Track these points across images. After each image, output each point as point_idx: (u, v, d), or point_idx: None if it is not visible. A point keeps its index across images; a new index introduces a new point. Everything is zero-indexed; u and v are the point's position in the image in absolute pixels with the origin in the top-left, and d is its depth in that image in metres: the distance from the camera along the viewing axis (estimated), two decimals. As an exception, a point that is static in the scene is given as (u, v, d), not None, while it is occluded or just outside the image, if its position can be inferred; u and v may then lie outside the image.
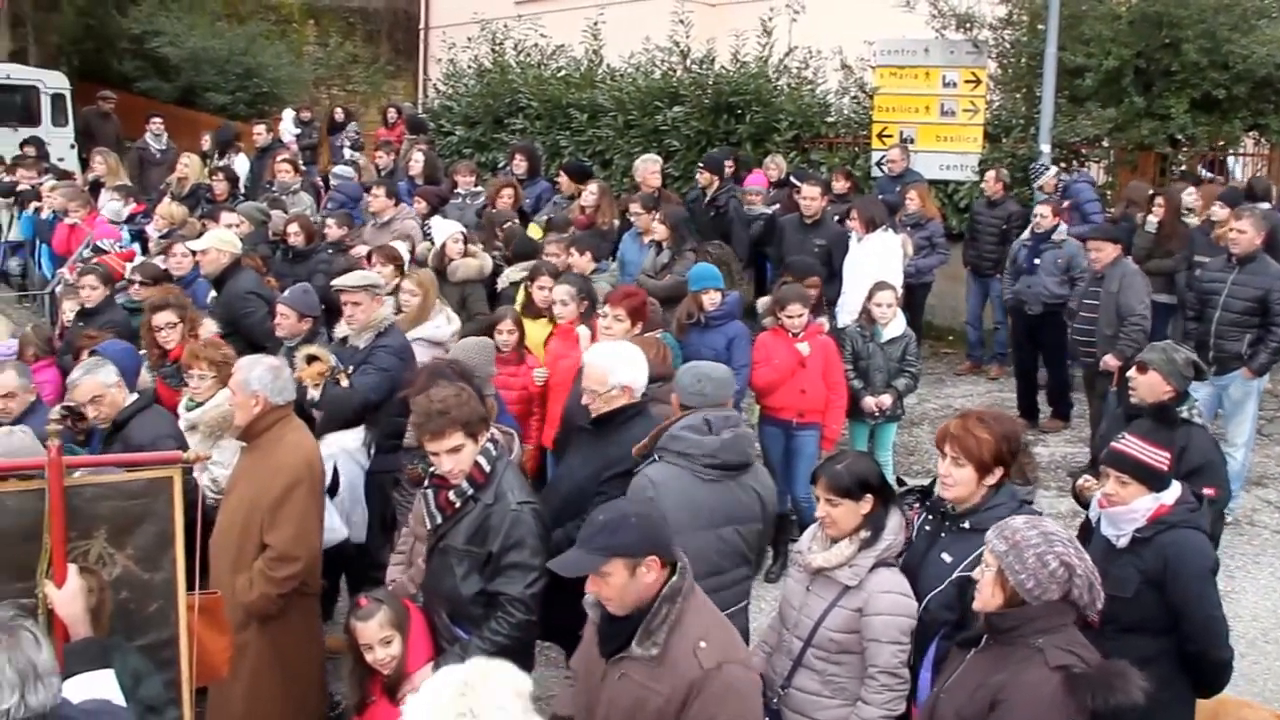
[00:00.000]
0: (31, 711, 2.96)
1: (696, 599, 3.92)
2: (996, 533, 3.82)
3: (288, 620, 5.47)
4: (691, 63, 15.62)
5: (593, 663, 4.02)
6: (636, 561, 3.76)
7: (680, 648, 3.76)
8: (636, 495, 4.81)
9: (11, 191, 14.51)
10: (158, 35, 24.29)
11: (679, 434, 4.99)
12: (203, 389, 6.63)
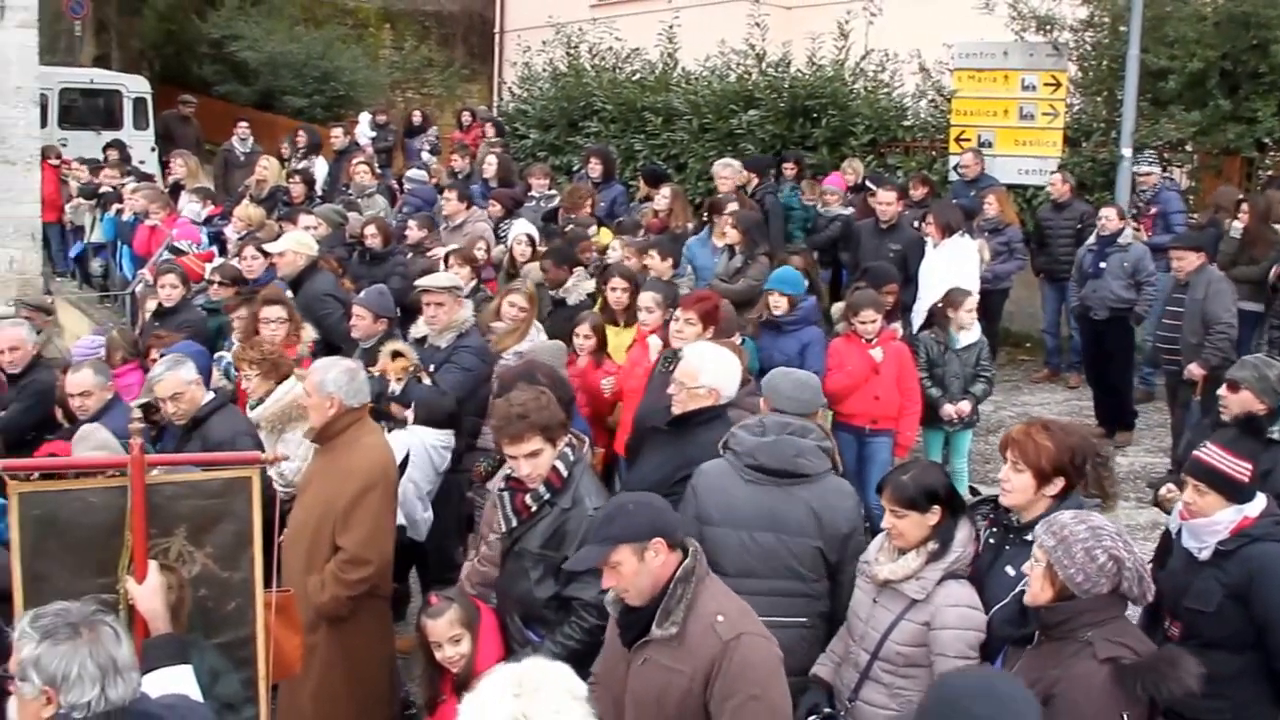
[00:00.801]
0: (111, 705, 3.00)
1: (712, 581, 3.96)
2: (1045, 528, 3.83)
3: (358, 622, 5.49)
4: (767, 66, 15.56)
5: (616, 658, 4.05)
6: (643, 546, 3.79)
7: (698, 625, 3.79)
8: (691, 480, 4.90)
9: (94, 194, 14.76)
10: (237, 40, 24.67)
11: (736, 431, 5.03)
12: (253, 387, 6.79)
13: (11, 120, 14.17)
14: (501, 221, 11.44)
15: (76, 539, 3.95)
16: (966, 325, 8.57)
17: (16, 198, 14.40)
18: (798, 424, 5.14)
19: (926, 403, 8.38)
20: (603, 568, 3.86)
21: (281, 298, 8.00)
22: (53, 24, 20.66)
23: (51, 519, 3.94)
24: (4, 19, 13.94)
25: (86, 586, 3.84)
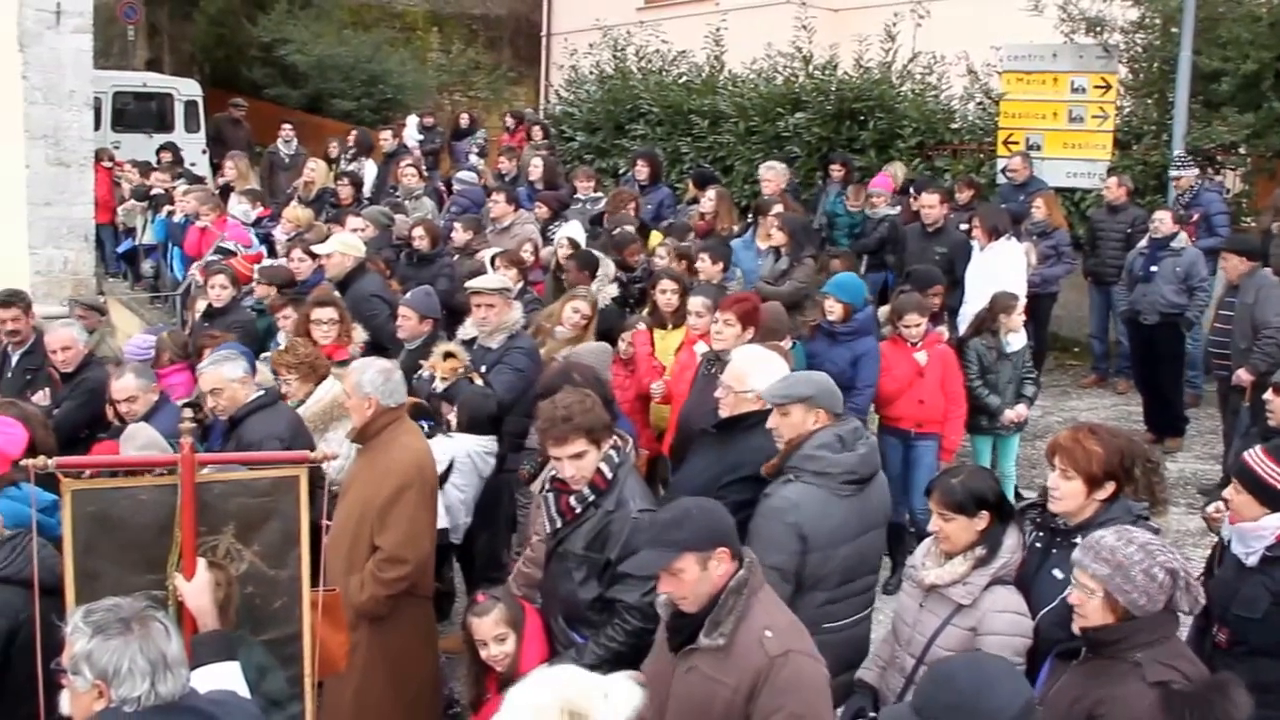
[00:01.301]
0: (161, 699, 3.04)
1: (764, 594, 3.94)
2: (1091, 555, 3.74)
3: (398, 621, 5.54)
4: (814, 68, 15.51)
5: (663, 662, 4.04)
6: (707, 555, 3.79)
7: (747, 637, 3.78)
8: (777, 517, 4.74)
9: (146, 195, 14.93)
10: (286, 43, 24.87)
11: (815, 453, 4.88)
12: (293, 390, 6.86)
13: (66, 123, 14.36)
14: (549, 224, 11.48)
15: (127, 536, 4.00)
16: (1016, 329, 8.51)
17: (71, 199, 14.59)
18: (857, 425, 5.17)
19: (975, 408, 8.33)
20: (661, 573, 3.85)
21: (333, 299, 8.07)
22: (106, 28, 20.93)
23: (103, 516, 3.99)
24: (60, 24, 14.13)
25: (137, 583, 3.89)
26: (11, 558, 4.63)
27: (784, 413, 4.98)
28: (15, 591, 4.55)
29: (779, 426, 5.00)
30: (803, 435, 4.93)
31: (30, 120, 14.06)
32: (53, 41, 14.09)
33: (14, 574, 4.58)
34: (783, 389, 5.06)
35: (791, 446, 4.94)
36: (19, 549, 4.65)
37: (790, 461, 4.90)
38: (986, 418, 8.52)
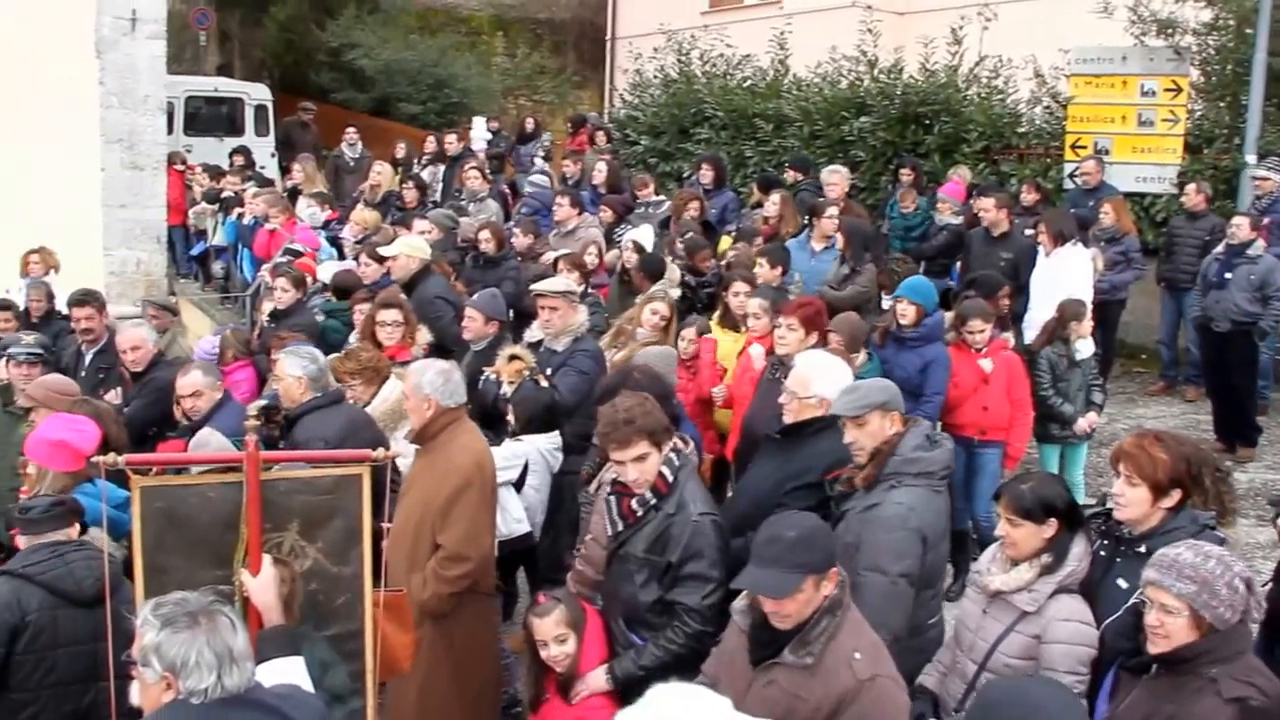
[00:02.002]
0: (227, 692, 3.10)
1: (853, 614, 3.94)
2: (1172, 574, 3.66)
3: (461, 619, 5.57)
4: (879, 72, 15.43)
5: (736, 670, 4.03)
6: (822, 576, 3.80)
7: (835, 658, 3.77)
8: (898, 524, 4.68)
9: (217, 198, 15.16)
10: (354, 48, 25.11)
11: (914, 455, 4.85)
12: (358, 394, 6.96)
13: (140, 127, 14.64)
14: (614, 227, 11.51)
15: (194, 532, 4.07)
16: (1085, 336, 8.43)
17: (144, 201, 14.87)
18: (921, 419, 5.18)
19: (1045, 416, 8.25)
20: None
21: (398, 301, 8.15)
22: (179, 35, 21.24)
23: (171, 512, 4.06)
24: (135, 31, 14.40)
25: (204, 578, 3.96)
26: (43, 560, 4.75)
27: (861, 423, 4.92)
28: (32, 591, 4.68)
29: (857, 439, 4.94)
30: (889, 441, 4.90)
31: (106, 125, 14.35)
32: (128, 48, 14.37)
33: (35, 574, 4.70)
34: (858, 399, 4.99)
35: (884, 454, 4.88)
36: (57, 554, 4.79)
37: (888, 469, 4.84)
38: (1057, 426, 8.43)
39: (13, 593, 4.66)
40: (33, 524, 4.89)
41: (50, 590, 4.70)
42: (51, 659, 4.71)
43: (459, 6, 30.32)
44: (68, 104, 13.97)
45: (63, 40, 13.85)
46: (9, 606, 4.63)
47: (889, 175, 13.95)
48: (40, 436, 5.68)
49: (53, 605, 4.71)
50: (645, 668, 4.75)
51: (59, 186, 13.76)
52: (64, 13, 13.87)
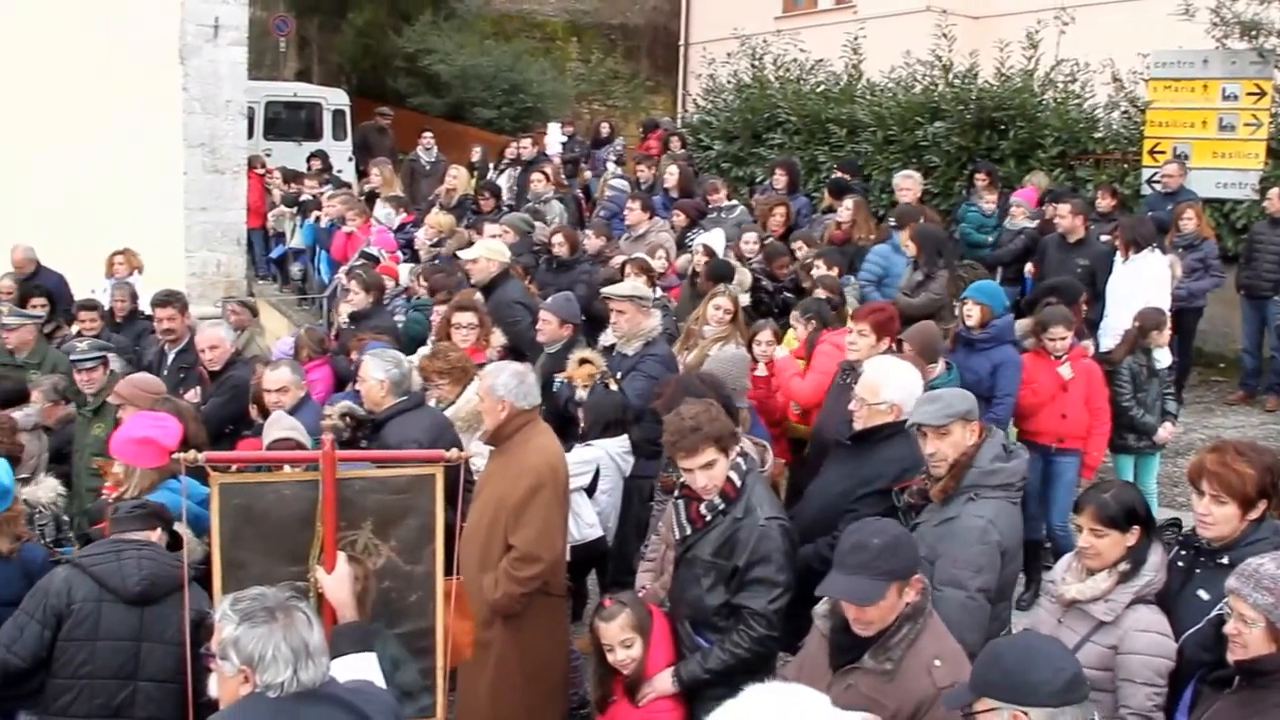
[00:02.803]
0: (303, 686, 3.16)
1: (934, 622, 3.93)
2: (1251, 584, 3.61)
3: (532, 619, 5.61)
4: (953, 77, 15.29)
5: (816, 673, 4.03)
6: (905, 583, 3.80)
7: (914, 665, 3.78)
8: (978, 537, 4.61)
9: (295, 201, 15.40)
10: (430, 54, 25.37)
11: (994, 467, 4.79)
12: (443, 392, 7.07)
13: (222, 132, 14.92)
14: (687, 231, 11.53)
15: (271, 529, 4.17)
16: (1164, 345, 8.31)
17: (225, 204, 15.16)
18: (995, 428, 5.11)
19: (1121, 426, 8.14)
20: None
21: (473, 304, 8.23)
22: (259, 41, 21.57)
23: (249, 509, 4.16)
24: (217, 38, 14.69)
25: (280, 574, 4.05)
26: (100, 553, 4.90)
27: (944, 433, 4.85)
28: (81, 580, 4.82)
29: (939, 449, 4.86)
30: (968, 452, 4.84)
31: (188, 129, 14.65)
32: (211, 54, 14.67)
33: (88, 565, 4.85)
34: (942, 409, 4.91)
35: (961, 465, 4.81)
36: (115, 550, 4.91)
37: (966, 480, 4.78)
38: (1133, 436, 8.32)
39: (65, 581, 4.83)
40: (118, 522, 5.02)
41: (97, 583, 4.83)
42: (90, 649, 4.83)
43: (534, 12, 30.54)
44: (152, 109, 14.28)
45: (147, 47, 14.16)
46: (59, 593, 4.79)
47: (963, 181, 13.82)
48: (124, 435, 5.81)
49: (98, 598, 4.83)
50: (711, 671, 4.77)
51: (143, 189, 14.06)
52: (149, 20, 14.18)
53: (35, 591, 4.87)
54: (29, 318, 9.53)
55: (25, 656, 4.76)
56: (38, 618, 4.78)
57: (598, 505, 6.80)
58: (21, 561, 5.59)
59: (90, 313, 9.92)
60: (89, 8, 13.65)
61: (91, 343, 8.44)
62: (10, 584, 5.53)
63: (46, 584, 4.87)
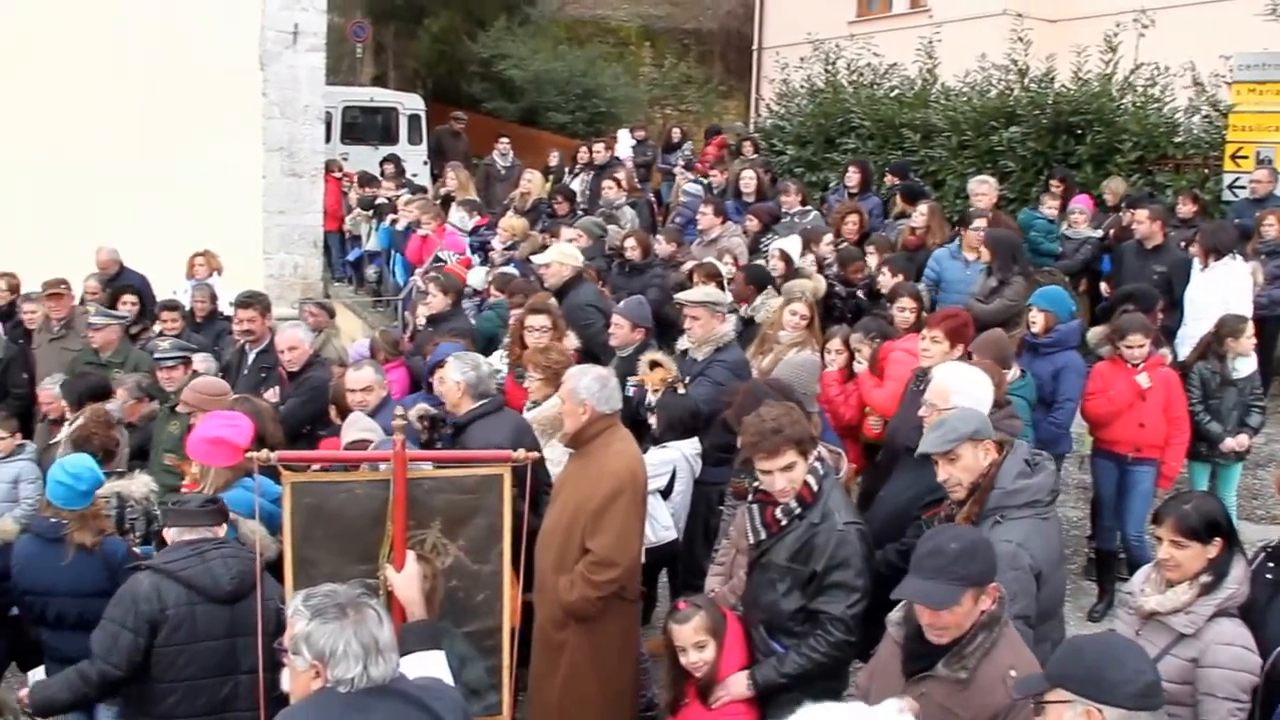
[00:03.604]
0: (373, 682, 3.21)
1: (1010, 631, 3.89)
2: None
3: (605, 622, 5.60)
4: (1029, 81, 15.12)
5: (888, 681, 4.01)
6: (981, 590, 3.77)
7: (989, 674, 3.73)
8: (1008, 563, 4.41)
9: (371, 204, 15.60)
10: (504, 59, 25.58)
11: (1016, 486, 4.68)
12: (533, 389, 7.12)
13: (300, 136, 15.19)
14: (760, 236, 11.51)
15: (342, 527, 4.24)
16: (1245, 354, 8.15)
17: (302, 208, 15.43)
18: (1017, 441, 5.01)
19: (1196, 435, 8.01)
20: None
21: (547, 307, 8.27)
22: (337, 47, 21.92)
23: (320, 508, 4.23)
24: (296, 44, 14.96)
25: (349, 572, 4.11)
26: (183, 557, 4.94)
27: (953, 458, 4.75)
28: (170, 586, 4.86)
29: (951, 474, 4.76)
30: (986, 473, 4.74)
31: (268, 134, 14.94)
32: (290, 60, 14.95)
33: (175, 570, 4.88)
34: (944, 434, 4.80)
35: (983, 488, 4.71)
36: (197, 552, 4.96)
37: (990, 504, 4.67)
38: (1206, 445, 8.17)
39: (153, 587, 4.84)
40: (185, 516, 5.08)
41: (188, 586, 4.87)
42: (190, 652, 4.87)
43: (607, 17, 30.70)
44: (233, 114, 14.59)
45: (229, 54, 14.47)
46: (149, 599, 4.81)
47: (1038, 187, 13.65)
48: (199, 434, 5.92)
49: (190, 601, 4.87)
50: (787, 675, 4.75)
51: (223, 192, 14.37)
52: (230, 28, 14.49)
53: (120, 600, 4.87)
54: (114, 318, 9.75)
55: (122, 665, 4.80)
56: (130, 626, 4.79)
57: (671, 507, 6.81)
58: (103, 554, 5.75)
59: (172, 313, 10.12)
60: (173, 18, 13.98)
61: (173, 342, 8.62)
62: (93, 576, 5.70)
63: (132, 591, 4.86)
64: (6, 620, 6.18)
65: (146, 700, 4.90)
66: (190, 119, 14.10)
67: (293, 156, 15.18)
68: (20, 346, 10.25)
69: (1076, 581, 8.04)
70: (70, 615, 5.72)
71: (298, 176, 15.30)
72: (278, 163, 15.10)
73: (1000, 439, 4.88)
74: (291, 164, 15.19)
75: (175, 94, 13.98)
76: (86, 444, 6.52)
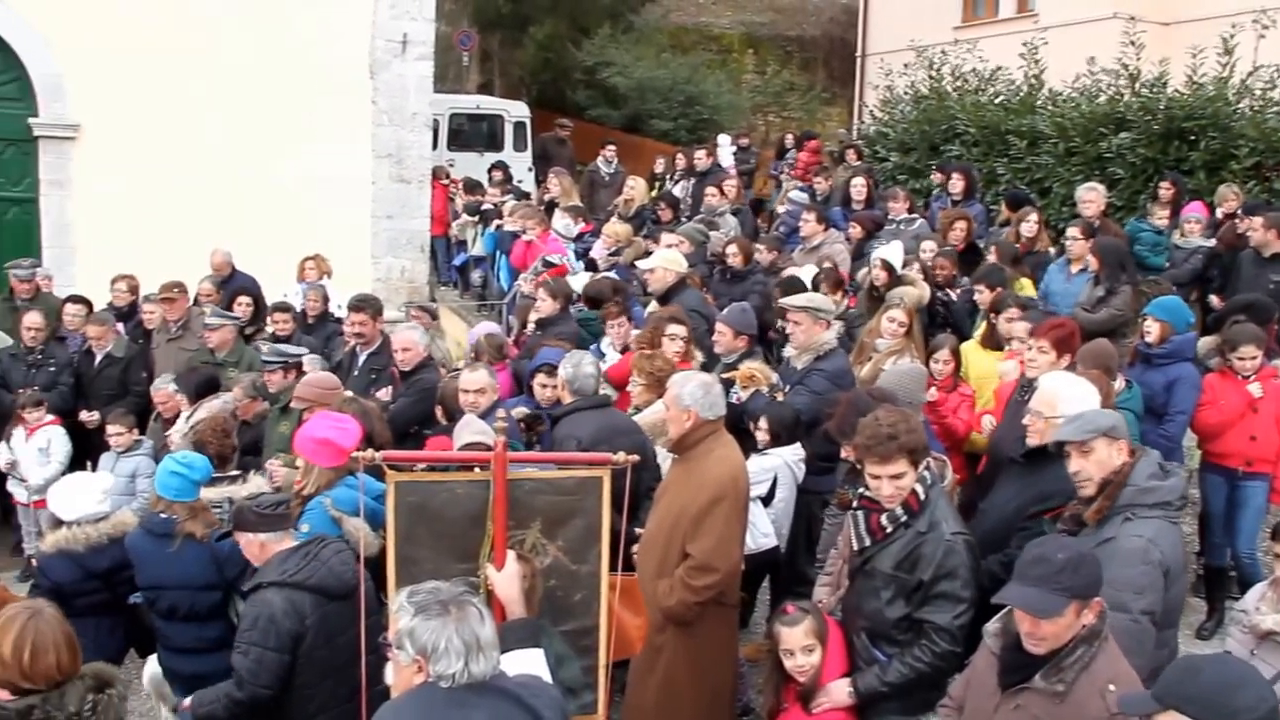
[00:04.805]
0: (473, 678, 3.27)
1: (1110, 645, 3.84)
2: None
3: (704, 627, 5.63)
4: (1141, 85, 14.81)
5: (984, 692, 3.98)
6: (1084, 604, 3.73)
7: (1087, 688, 3.69)
8: (1138, 558, 4.44)
9: (477, 210, 15.81)
10: (609, 66, 25.75)
11: (1149, 485, 4.62)
12: (636, 394, 7.21)
13: (409, 143, 15.47)
14: (864, 243, 11.45)
15: (443, 526, 4.32)
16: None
17: (410, 213, 15.70)
18: (1148, 449, 4.94)
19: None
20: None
21: (684, 317, 8.30)
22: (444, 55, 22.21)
23: (422, 507, 4.32)
24: (405, 52, 15.23)
25: (451, 570, 4.19)
26: (302, 565, 5.03)
27: (1087, 450, 4.71)
28: (303, 596, 4.96)
29: (1083, 468, 4.72)
30: (1119, 470, 4.69)
31: (377, 140, 15.23)
32: (399, 69, 15.23)
33: (303, 580, 4.98)
34: (1083, 424, 4.78)
35: (1115, 485, 4.66)
36: (311, 556, 5.07)
37: (1121, 500, 4.62)
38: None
39: (287, 601, 4.93)
40: (272, 521, 5.19)
41: (318, 592, 4.99)
42: (329, 649, 5.00)
43: (710, 24, 30.75)
44: (343, 122, 14.91)
45: (340, 63, 14.78)
46: (288, 615, 4.91)
47: (1148, 194, 13.35)
48: (306, 434, 6.07)
49: (318, 605, 4.99)
50: (890, 684, 4.75)
51: (333, 198, 14.68)
52: (342, 38, 14.81)
53: (255, 622, 4.93)
54: (229, 319, 10.02)
55: (273, 685, 4.92)
56: (273, 646, 4.88)
57: (772, 513, 6.81)
58: (211, 548, 5.94)
59: (284, 314, 10.36)
60: (287, 28, 14.33)
61: (272, 348, 8.83)
62: (202, 570, 5.89)
63: (267, 612, 4.92)
64: (125, 609, 6.41)
65: (295, 705, 5.01)
66: (303, 126, 14.45)
67: (401, 163, 15.45)
68: (140, 346, 10.56)
69: (1185, 598, 7.87)
70: (181, 607, 5.93)
71: (405, 182, 15.57)
72: (386, 169, 15.39)
73: (1136, 446, 4.84)
74: (399, 170, 15.46)
75: (289, 102, 14.34)
76: (202, 449, 6.73)
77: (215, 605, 6.00)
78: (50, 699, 3.80)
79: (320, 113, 14.63)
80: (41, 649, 3.82)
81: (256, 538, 5.19)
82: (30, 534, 9.45)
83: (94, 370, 10.23)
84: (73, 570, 6.17)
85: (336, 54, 14.75)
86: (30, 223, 14.11)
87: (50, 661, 3.82)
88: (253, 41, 14.22)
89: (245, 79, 14.15)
